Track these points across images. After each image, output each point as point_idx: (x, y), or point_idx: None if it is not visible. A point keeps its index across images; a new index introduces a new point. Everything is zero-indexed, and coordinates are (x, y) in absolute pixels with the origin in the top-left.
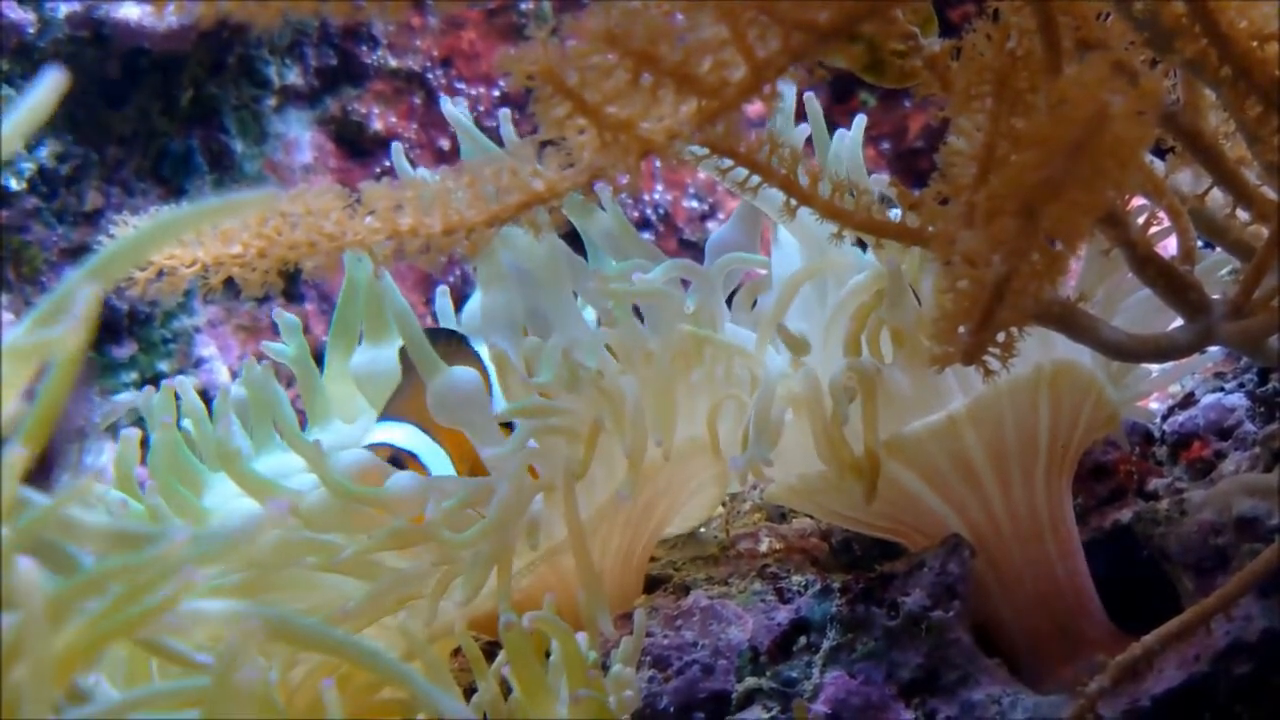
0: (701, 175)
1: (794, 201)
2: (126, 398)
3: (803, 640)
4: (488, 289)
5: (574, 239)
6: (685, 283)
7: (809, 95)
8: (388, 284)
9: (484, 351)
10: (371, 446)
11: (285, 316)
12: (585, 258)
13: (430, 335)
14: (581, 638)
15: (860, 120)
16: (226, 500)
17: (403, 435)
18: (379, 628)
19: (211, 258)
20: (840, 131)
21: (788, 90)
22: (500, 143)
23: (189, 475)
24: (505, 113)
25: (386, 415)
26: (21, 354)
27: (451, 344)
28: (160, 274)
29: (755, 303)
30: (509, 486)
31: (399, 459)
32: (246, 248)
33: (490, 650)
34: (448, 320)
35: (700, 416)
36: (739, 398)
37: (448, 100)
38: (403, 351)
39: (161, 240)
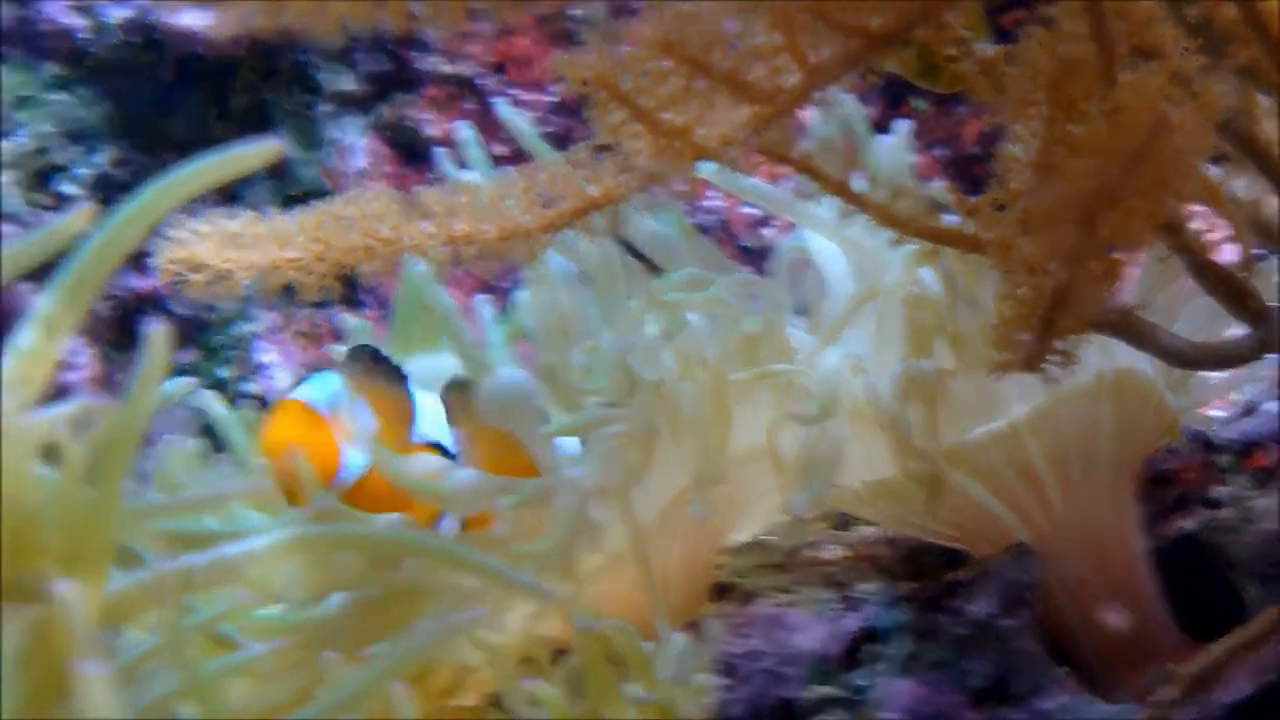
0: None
1: (849, 208)
2: (178, 384)
3: (871, 648)
4: (535, 292)
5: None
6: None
7: (851, 98)
8: (432, 282)
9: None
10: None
11: (352, 320)
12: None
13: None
14: (678, 638)
15: (903, 125)
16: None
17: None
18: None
19: (268, 262)
20: (882, 138)
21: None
22: (560, 147)
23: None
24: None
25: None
26: (52, 324)
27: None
28: (217, 278)
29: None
30: (570, 494)
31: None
32: (303, 252)
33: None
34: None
35: (763, 423)
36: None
37: (503, 103)
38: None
39: (168, 202)
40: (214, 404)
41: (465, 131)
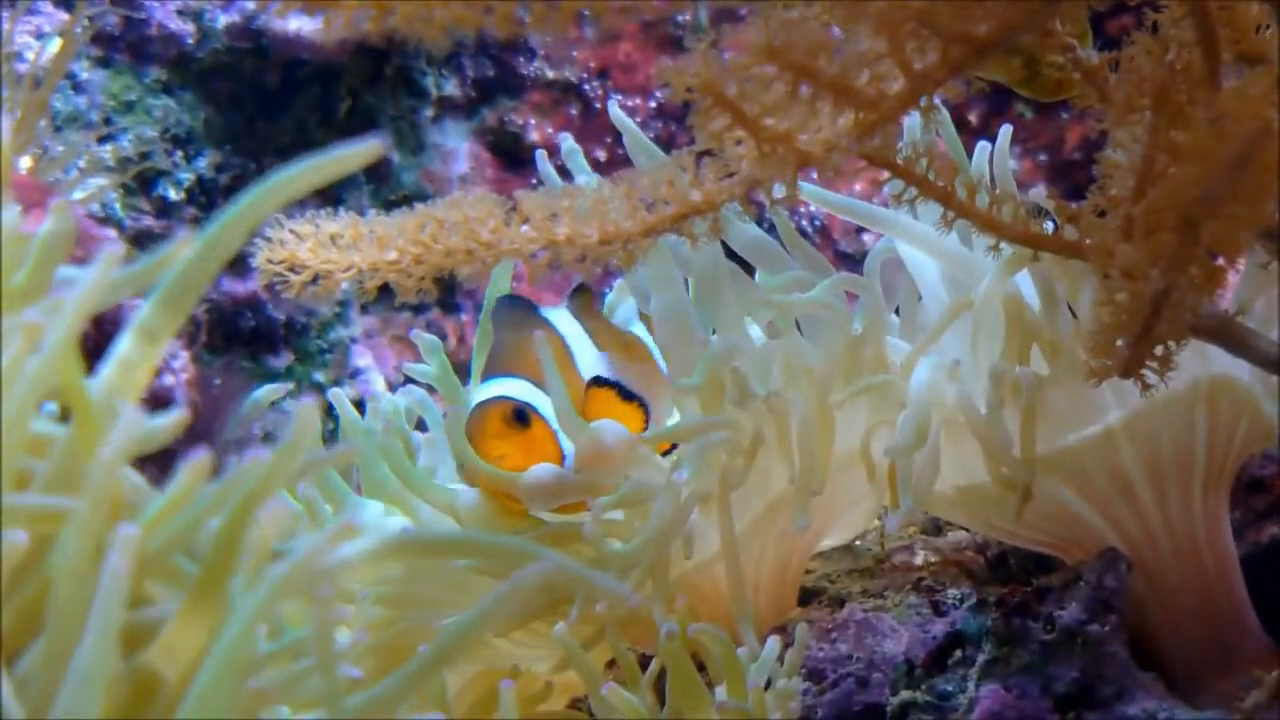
0: (858, 187)
1: (951, 214)
2: (271, 389)
3: (958, 654)
4: (659, 292)
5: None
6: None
7: (936, 104)
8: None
9: (554, 316)
10: (489, 401)
11: (424, 337)
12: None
13: (503, 303)
14: (773, 643)
15: (1006, 130)
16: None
17: (519, 389)
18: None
19: (367, 263)
20: (982, 144)
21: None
22: (666, 150)
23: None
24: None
25: (496, 373)
26: (152, 333)
27: (522, 311)
28: (315, 279)
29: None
30: (668, 500)
31: (523, 411)
32: (402, 254)
33: (640, 662)
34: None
35: (859, 428)
36: (894, 424)
37: (615, 103)
38: (497, 309)
39: (269, 207)
40: (345, 405)
41: (569, 142)
